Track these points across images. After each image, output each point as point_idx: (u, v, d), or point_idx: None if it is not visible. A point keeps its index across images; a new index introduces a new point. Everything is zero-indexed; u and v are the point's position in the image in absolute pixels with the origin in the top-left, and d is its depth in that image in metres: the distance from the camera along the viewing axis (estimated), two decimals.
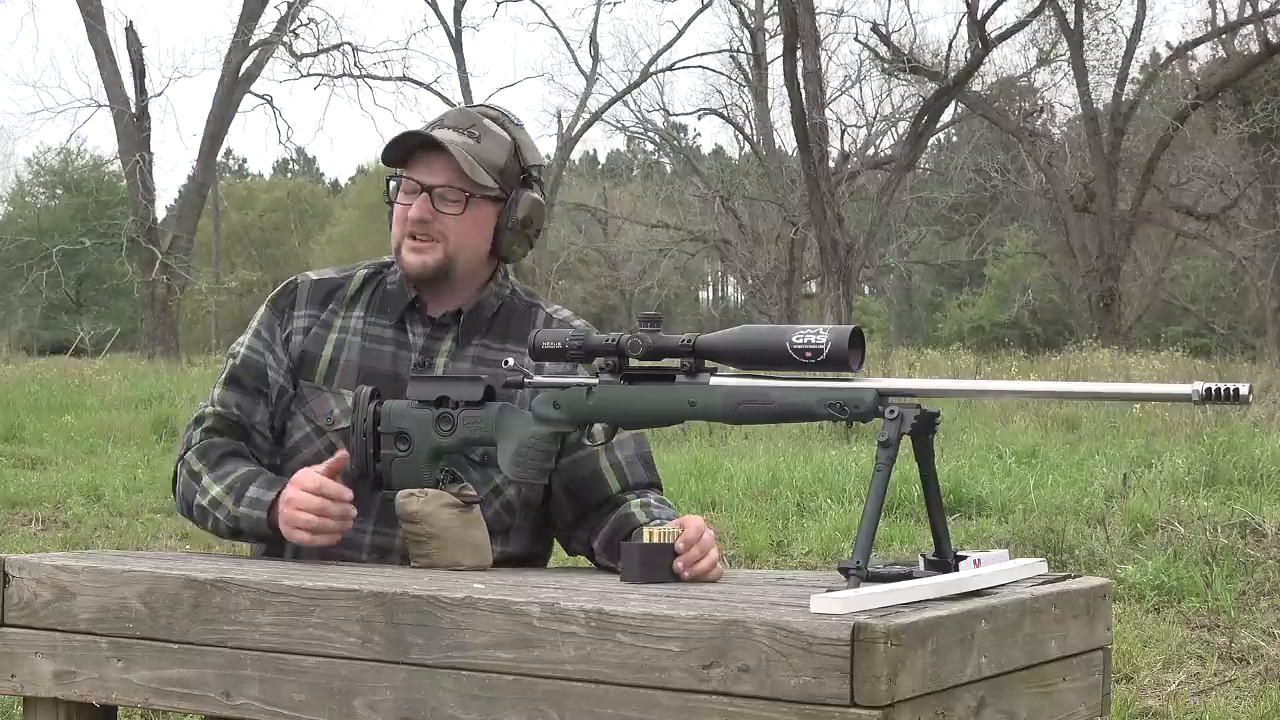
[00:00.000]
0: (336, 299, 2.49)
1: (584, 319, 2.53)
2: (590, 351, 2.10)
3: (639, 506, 2.36)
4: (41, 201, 44.93)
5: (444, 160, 2.39)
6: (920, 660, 1.65)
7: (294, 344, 2.46)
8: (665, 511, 2.36)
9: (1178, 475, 7.86)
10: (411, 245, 2.41)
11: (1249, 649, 4.95)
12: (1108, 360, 17.85)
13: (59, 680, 2.15)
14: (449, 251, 2.42)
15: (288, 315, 2.49)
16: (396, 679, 1.90)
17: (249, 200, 51.68)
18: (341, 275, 2.53)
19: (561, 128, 33.46)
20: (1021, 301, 36.32)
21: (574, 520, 2.44)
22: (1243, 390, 1.75)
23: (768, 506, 7.67)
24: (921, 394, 1.95)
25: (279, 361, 2.46)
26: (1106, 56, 29.79)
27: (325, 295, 2.50)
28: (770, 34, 30.56)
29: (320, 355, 2.45)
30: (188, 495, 2.45)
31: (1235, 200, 29.64)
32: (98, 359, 22.74)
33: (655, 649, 1.73)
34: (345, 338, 2.46)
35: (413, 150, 2.42)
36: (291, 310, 2.49)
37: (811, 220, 20.45)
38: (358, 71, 29.21)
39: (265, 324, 2.50)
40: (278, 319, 2.49)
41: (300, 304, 2.49)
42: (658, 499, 2.41)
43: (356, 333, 2.46)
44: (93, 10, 25.79)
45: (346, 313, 2.48)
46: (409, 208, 2.41)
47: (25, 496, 8.33)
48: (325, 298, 2.49)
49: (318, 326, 2.47)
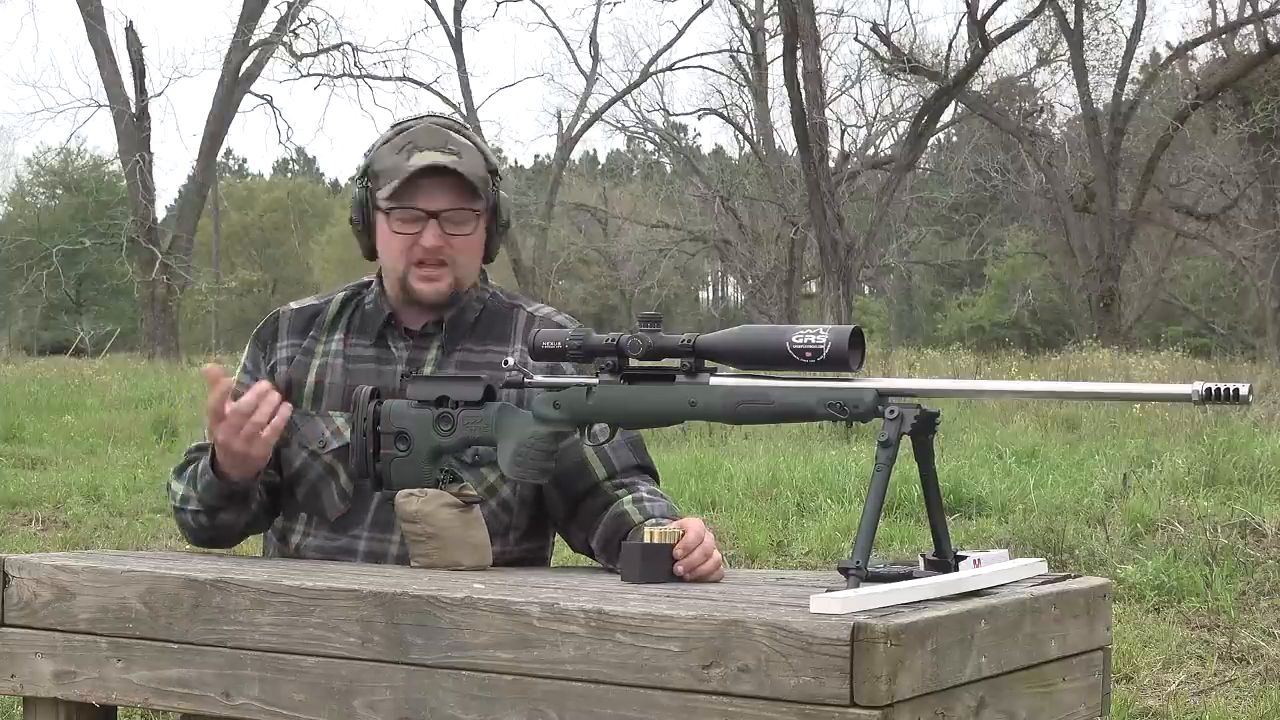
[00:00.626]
0: (316, 325, 2.51)
1: (567, 314, 2.54)
2: (590, 351, 2.10)
3: (632, 503, 2.35)
4: (41, 201, 44.93)
5: (444, 184, 2.39)
6: (920, 660, 1.65)
7: (279, 374, 2.48)
8: (659, 505, 2.34)
9: (1178, 475, 7.86)
10: (422, 274, 2.41)
11: (1249, 649, 4.95)
12: (1108, 360, 17.85)
13: (59, 680, 2.15)
14: (459, 275, 2.43)
15: (270, 347, 2.52)
16: (396, 679, 1.90)
17: (249, 200, 51.68)
18: (321, 301, 2.56)
19: (561, 128, 33.46)
20: (1021, 301, 36.33)
21: (567, 514, 2.43)
22: (1243, 390, 1.75)
23: (768, 506, 7.66)
24: (921, 394, 1.95)
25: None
26: (1106, 56, 29.82)
27: (305, 323, 2.52)
28: (770, 34, 30.56)
29: (305, 381, 2.47)
30: (175, 514, 2.51)
31: (1235, 200, 29.64)
32: (98, 359, 22.75)
33: (655, 649, 1.73)
34: (327, 361, 2.48)
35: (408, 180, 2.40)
36: (274, 342, 2.53)
37: (811, 220, 20.44)
38: (358, 71, 29.21)
39: (251, 358, 2.55)
40: (261, 352, 2.53)
41: (282, 335, 2.52)
42: (649, 491, 2.39)
43: (338, 355, 2.48)
44: (93, 10, 25.79)
45: (327, 337, 2.50)
46: (415, 236, 2.40)
47: (25, 496, 8.33)
48: (305, 325, 2.52)
49: (300, 354, 2.49)
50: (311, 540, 2.44)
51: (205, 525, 2.44)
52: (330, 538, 2.43)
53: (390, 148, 2.44)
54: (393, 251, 2.43)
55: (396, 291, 2.46)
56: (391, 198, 2.40)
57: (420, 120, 2.48)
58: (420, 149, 2.40)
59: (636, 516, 2.32)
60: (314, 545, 2.44)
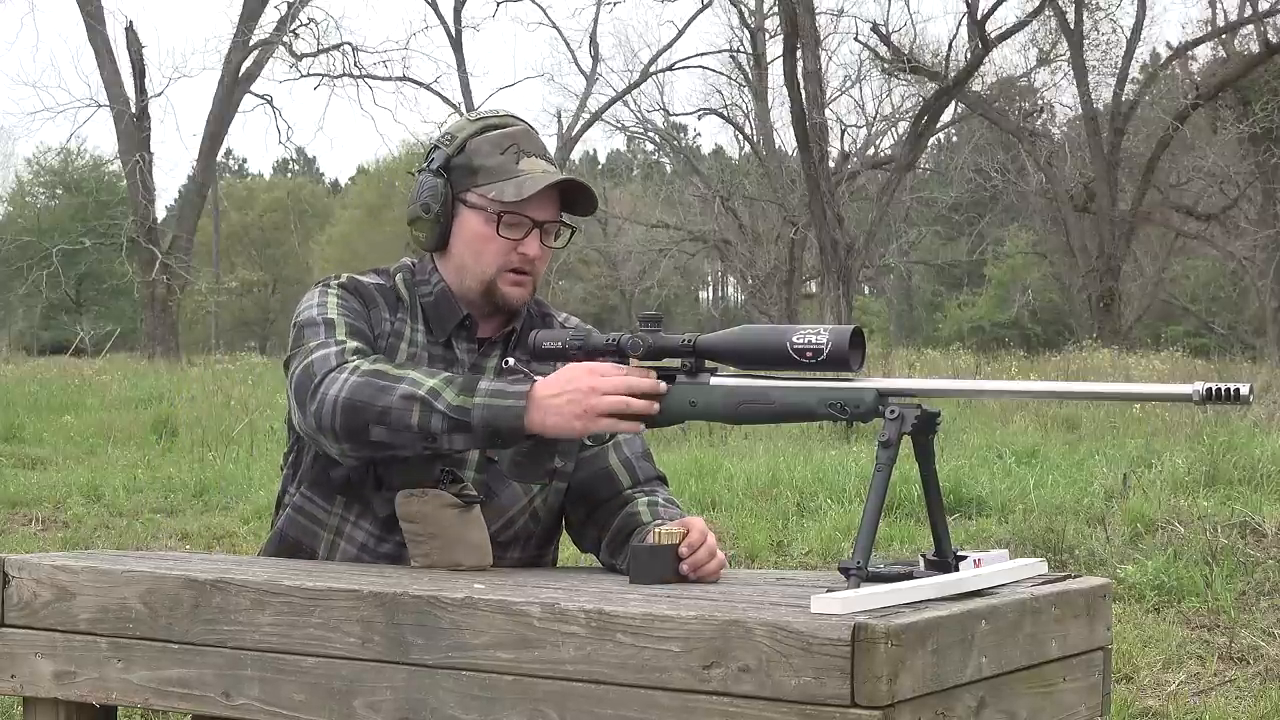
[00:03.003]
0: (402, 307, 2.41)
1: (580, 319, 2.53)
2: (591, 352, 2.10)
3: (646, 505, 2.36)
4: (41, 201, 44.94)
5: (553, 194, 2.36)
6: (920, 660, 1.65)
7: (379, 348, 2.34)
8: (673, 512, 2.36)
9: (1178, 475, 7.86)
10: (515, 279, 2.37)
11: (1249, 649, 4.95)
12: (1108, 360, 17.84)
13: (59, 680, 2.15)
14: (536, 285, 2.41)
15: (374, 313, 2.38)
16: (396, 679, 1.90)
17: (249, 200, 51.68)
18: (387, 283, 2.43)
19: (561, 128, 33.47)
20: (1021, 301, 36.34)
21: (585, 517, 2.43)
22: (1243, 390, 1.75)
23: (768, 506, 7.66)
24: (921, 394, 1.95)
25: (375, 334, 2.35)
26: (1106, 56, 29.81)
27: (392, 302, 2.41)
28: (770, 34, 30.56)
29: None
30: (371, 393, 2.15)
31: (1235, 200, 29.64)
32: (98, 359, 22.71)
33: (655, 649, 1.73)
34: (415, 350, 2.38)
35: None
36: (374, 308, 2.38)
37: (811, 220, 20.44)
38: (358, 71, 29.22)
39: (353, 303, 2.36)
40: (364, 308, 2.36)
41: (381, 306, 2.39)
42: (665, 498, 2.41)
43: (424, 348, 2.39)
44: (93, 10, 25.79)
45: (413, 324, 2.40)
46: (517, 242, 2.35)
47: (25, 496, 8.32)
48: (392, 305, 2.41)
49: (392, 335, 2.38)
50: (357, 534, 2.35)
51: (436, 427, 2.13)
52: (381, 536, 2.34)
53: (490, 144, 2.37)
54: (489, 253, 2.36)
55: (478, 292, 2.38)
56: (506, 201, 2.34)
57: (514, 121, 2.42)
58: (527, 154, 2.37)
59: (646, 517, 2.32)
60: (358, 540, 2.35)
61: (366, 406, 2.15)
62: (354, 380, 2.17)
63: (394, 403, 2.14)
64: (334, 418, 2.17)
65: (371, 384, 2.16)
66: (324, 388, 2.18)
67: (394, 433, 2.14)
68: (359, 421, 2.15)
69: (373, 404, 2.15)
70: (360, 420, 2.15)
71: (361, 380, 2.17)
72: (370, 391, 2.15)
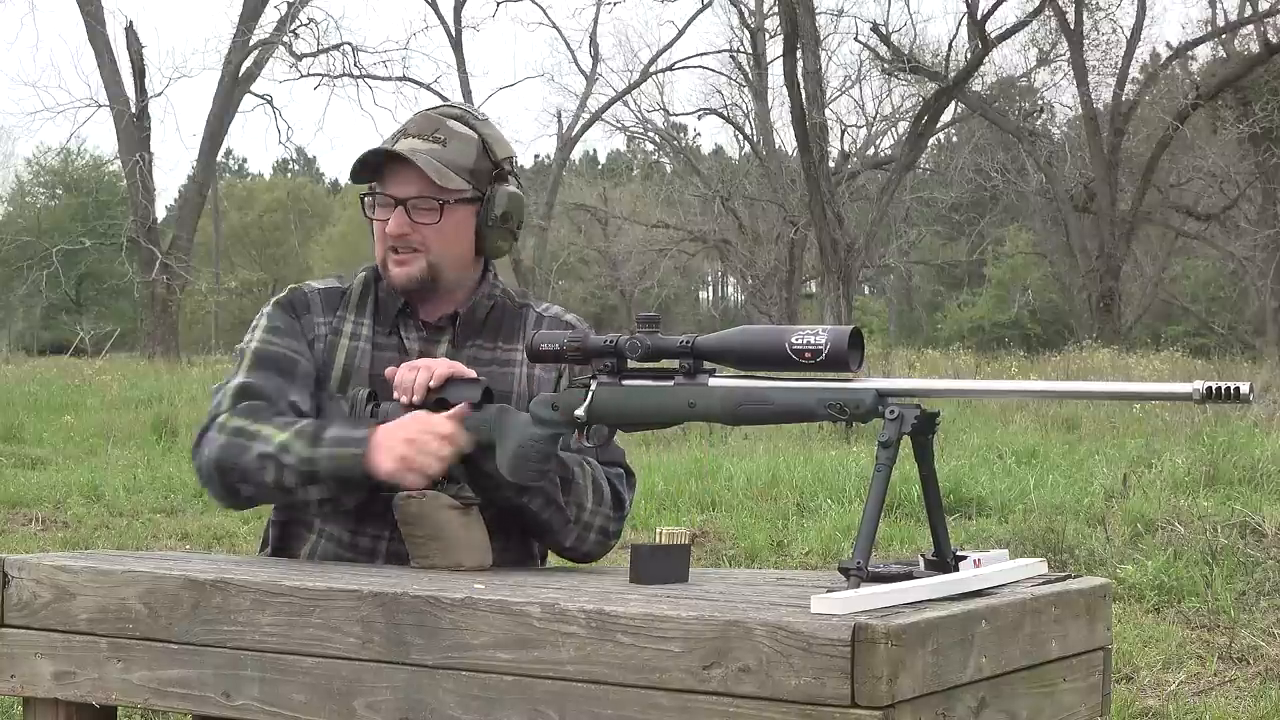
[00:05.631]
0: (343, 304, 2.46)
1: (576, 314, 2.53)
2: (589, 353, 2.09)
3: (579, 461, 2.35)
4: (41, 201, 44.97)
5: (413, 171, 2.37)
6: (921, 660, 1.65)
7: (316, 351, 2.42)
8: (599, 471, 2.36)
9: (1178, 475, 7.86)
10: (394, 259, 2.40)
11: (1249, 649, 4.95)
12: (1108, 360, 17.86)
13: (59, 680, 2.15)
14: (431, 261, 2.40)
15: (304, 319, 2.44)
16: (396, 679, 1.90)
17: (249, 200, 51.70)
18: (341, 283, 2.50)
19: (561, 128, 33.51)
20: (1021, 301, 36.36)
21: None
22: (1243, 389, 1.75)
23: (768, 506, 7.67)
24: (921, 394, 1.94)
25: (306, 356, 2.41)
26: (1106, 56, 29.83)
27: (335, 302, 2.46)
28: (770, 34, 30.58)
29: (334, 363, 2.42)
30: (233, 453, 2.27)
31: (1235, 200, 29.66)
32: (98, 359, 22.74)
33: (655, 649, 1.73)
34: (357, 345, 2.43)
35: (380, 165, 2.39)
36: (307, 313, 2.44)
37: (811, 220, 20.43)
38: (358, 71, 29.26)
39: (282, 322, 2.43)
40: (294, 320, 2.43)
41: (315, 309, 2.45)
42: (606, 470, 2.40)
43: (366, 340, 2.43)
44: (93, 10, 25.81)
45: (354, 319, 2.45)
46: (384, 222, 2.39)
47: (25, 496, 8.33)
48: (335, 304, 2.46)
49: (330, 334, 2.44)
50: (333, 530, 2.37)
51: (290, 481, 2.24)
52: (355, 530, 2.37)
53: (390, 135, 2.44)
54: (375, 239, 2.43)
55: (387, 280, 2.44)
56: (364, 181, 2.41)
57: (436, 109, 2.47)
58: (407, 135, 2.40)
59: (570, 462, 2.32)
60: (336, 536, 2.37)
61: (232, 468, 2.28)
62: (220, 440, 2.29)
63: (251, 463, 2.26)
64: (210, 479, 2.33)
65: (234, 444, 2.28)
66: (202, 446, 2.32)
67: (259, 489, 2.28)
68: (229, 481, 2.30)
69: (236, 464, 2.28)
70: (230, 480, 2.30)
71: (225, 440, 2.29)
72: (234, 452, 2.28)
